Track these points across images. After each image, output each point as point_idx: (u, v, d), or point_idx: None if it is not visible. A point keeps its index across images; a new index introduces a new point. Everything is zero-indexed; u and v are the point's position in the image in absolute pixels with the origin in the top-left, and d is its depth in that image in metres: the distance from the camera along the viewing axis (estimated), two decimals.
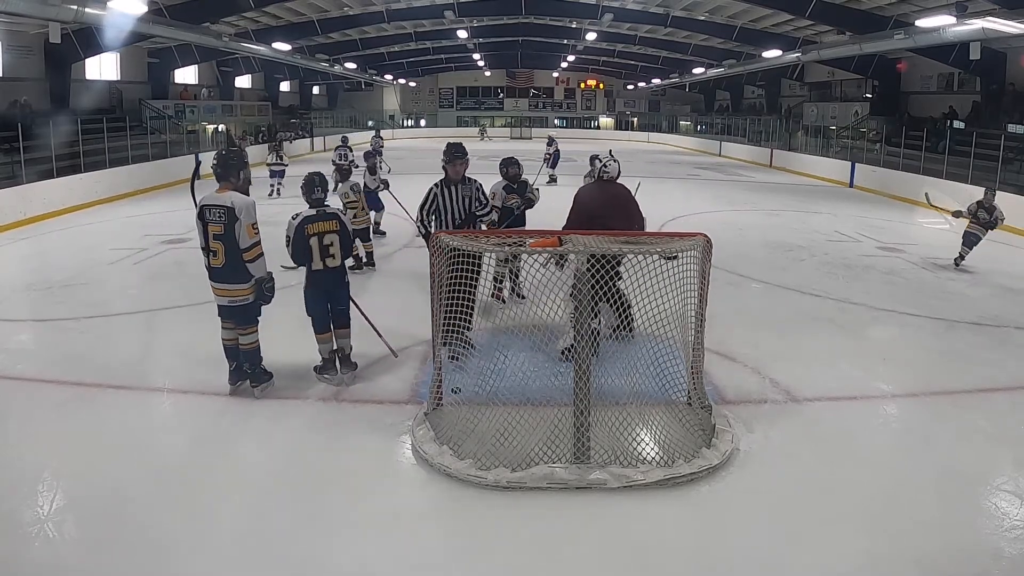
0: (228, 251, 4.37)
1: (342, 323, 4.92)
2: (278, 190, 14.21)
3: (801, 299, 7.34)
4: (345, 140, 15.69)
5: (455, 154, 5.38)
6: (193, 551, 3.12)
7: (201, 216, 4.41)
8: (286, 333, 5.86)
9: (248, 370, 4.71)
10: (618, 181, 5.43)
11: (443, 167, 5.42)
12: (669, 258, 4.02)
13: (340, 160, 12.41)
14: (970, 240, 8.68)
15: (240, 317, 4.60)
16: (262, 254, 4.47)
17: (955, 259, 8.84)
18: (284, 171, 14.52)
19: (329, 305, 4.82)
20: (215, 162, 4.46)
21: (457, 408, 4.21)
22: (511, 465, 3.65)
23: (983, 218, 8.54)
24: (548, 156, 16.86)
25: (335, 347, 4.93)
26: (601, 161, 5.43)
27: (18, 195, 11.42)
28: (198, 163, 4.92)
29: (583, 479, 3.59)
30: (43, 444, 4.06)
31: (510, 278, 6.38)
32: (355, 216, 7.65)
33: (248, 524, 3.33)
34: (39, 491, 3.57)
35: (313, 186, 4.77)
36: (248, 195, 4.62)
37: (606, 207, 5.18)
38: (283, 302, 7.00)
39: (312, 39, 25.43)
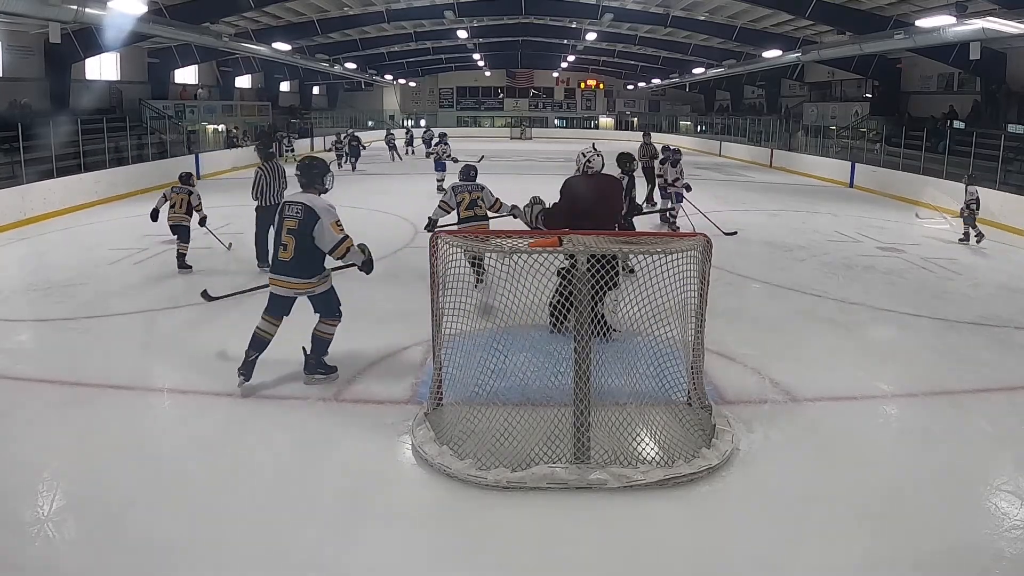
0: (298, 247, 4.57)
1: None
2: (353, 164, 20.74)
3: (801, 299, 7.33)
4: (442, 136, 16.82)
5: None
6: (193, 551, 3.12)
7: (281, 211, 4.70)
8: (287, 333, 5.87)
9: (309, 358, 4.86)
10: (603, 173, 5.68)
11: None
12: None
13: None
14: (971, 221, 10.25)
15: (323, 309, 4.81)
16: (351, 245, 4.62)
17: (967, 239, 10.14)
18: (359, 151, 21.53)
19: None
20: (298, 172, 4.79)
21: (457, 408, 4.21)
22: (511, 465, 3.65)
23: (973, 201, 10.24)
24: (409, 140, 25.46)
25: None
26: (585, 156, 5.57)
27: (18, 195, 11.41)
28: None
29: (583, 479, 3.58)
30: (43, 444, 4.06)
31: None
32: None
33: (248, 524, 3.33)
34: (39, 491, 3.57)
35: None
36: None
37: (589, 199, 5.43)
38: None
39: (312, 39, 25.41)
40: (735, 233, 7.03)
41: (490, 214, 6.99)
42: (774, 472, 3.82)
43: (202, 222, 8.36)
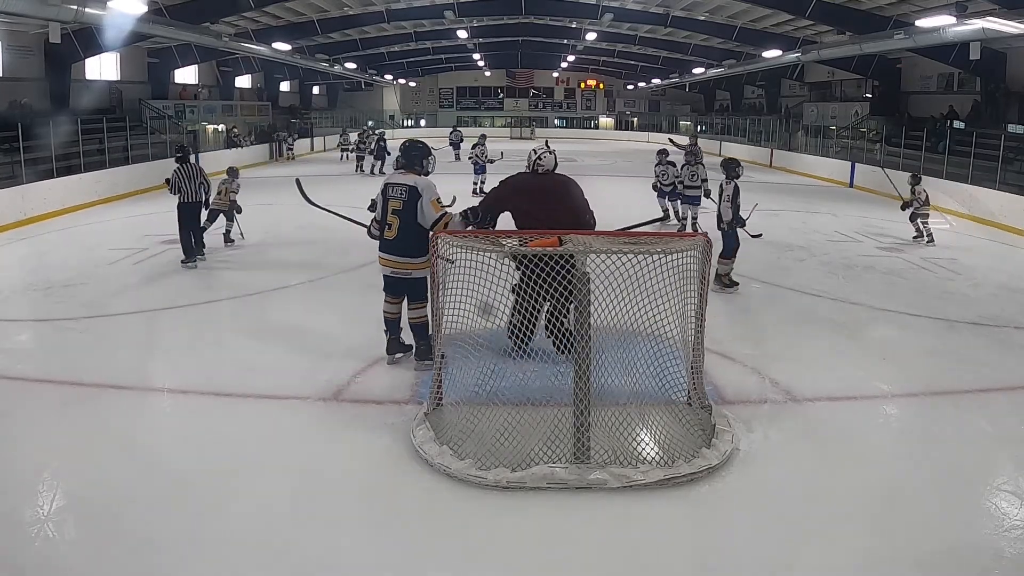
0: (403, 226, 4.81)
1: None
2: (371, 168, 20.16)
3: (801, 299, 7.33)
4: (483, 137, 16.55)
5: None
6: (193, 551, 3.11)
7: (384, 192, 4.96)
8: (288, 332, 5.87)
9: (419, 344, 5.05)
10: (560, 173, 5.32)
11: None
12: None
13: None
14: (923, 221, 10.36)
15: (411, 292, 4.97)
16: (449, 220, 4.82)
17: (923, 238, 10.27)
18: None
19: None
20: (400, 154, 5.10)
21: (457, 408, 4.21)
22: (511, 465, 3.65)
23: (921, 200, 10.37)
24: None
25: None
26: (536, 153, 5.20)
27: (18, 195, 11.42)
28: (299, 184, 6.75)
29: (583, 479, 3.58)
30: (43, 444, 4.06)
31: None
32: None
33: (248, 524, 3.33)
34: (39, 491, 3.57)
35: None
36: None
37: (534, 198, 5.08)
38: (286, 304, 7.01)
39: (312, 39, 25.41)
40: (760, 235, 6.96)
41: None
42: (774, 472, 3.82)
43: (239, 210, 9.49)
